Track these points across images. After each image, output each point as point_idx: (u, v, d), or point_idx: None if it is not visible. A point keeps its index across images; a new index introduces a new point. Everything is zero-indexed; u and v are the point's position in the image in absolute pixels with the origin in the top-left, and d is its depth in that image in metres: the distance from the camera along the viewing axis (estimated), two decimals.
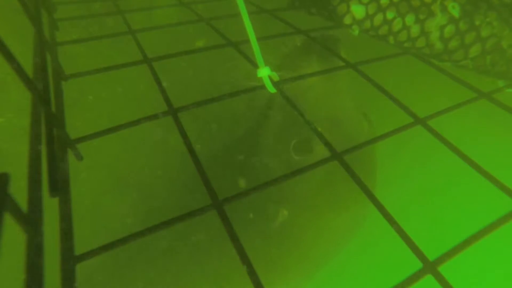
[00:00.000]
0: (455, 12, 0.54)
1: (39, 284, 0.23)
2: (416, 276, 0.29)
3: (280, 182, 0.36)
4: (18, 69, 0.29)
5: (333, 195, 0.66)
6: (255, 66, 0.48)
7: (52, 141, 0.34)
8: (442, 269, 0.29)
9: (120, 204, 0.78)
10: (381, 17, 0.59)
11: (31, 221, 0.25)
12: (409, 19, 0.57)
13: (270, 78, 0.47)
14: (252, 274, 0.28)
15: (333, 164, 0.39)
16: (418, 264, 0.30)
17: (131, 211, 0.75)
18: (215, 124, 0.81)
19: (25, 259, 0.23)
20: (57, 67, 0.46)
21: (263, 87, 0.47)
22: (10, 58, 0.28)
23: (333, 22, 0.64)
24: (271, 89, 0.47)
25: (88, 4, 0.74)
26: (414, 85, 0.83)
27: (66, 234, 0.29)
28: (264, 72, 0.46)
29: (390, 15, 0.58)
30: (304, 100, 0.62)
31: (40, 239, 0.25)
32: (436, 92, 0.77)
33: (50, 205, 0.30)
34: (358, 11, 0.60)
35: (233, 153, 0.73)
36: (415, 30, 0.57)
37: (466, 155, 0.40)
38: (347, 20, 0.61)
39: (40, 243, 0.25)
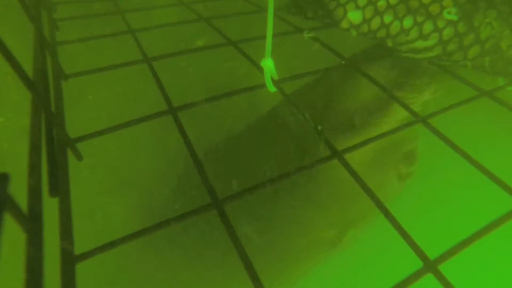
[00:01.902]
0: (452, 16, 0.53)
1: (39, 284, 0.23)
2: (416, 275, 0.29)
3: (281, 180, 0.36)
4: (18, 69, 0.29)
5: (334, 194, 0.66)
6: (255, 65, 0.48)
7: (52, 141, 0.34)
8: (442, 268, 0.29)
9: (120, 203, 0.78)
10: (378, 21, 0.58)
11: (31, 221, 0.25)
12: (407, 22, 0.56)
13: (270, 77, 0.47)
14: (252, 273, 0.28)
15: (333, 162, 0.38)
16: (419, 263, 0.30)
17: (131, 211, 0.75)
18: (215, 124, 0.81)
19: (25, 259, 0.23)
20: (57, 67, 0.46)
21: (263, 86, 0.47)
22: (10, 58, 0.28)
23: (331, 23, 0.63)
24: (271, 88, 0.47)
25: (88, 4, 0.74)
26: (414, 83, 0.83)
27: (66, 234, 0.29)
28: (267, 62, 0.45)
29: (387, 19, 0.57)
30: (304, 99, 0.62)
31: (40, 239, 0.25)
32: (438, 90, 0.77)
33: (50, 205, 0.30)
34: (355, 16, 0.59)
35: (233, 152, 0.72)
36: (413, 33, 0.56)
37: (466, 153, 0.40)
38: (345, 24, 0.61)
39: (40, 243, 0.25)
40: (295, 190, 0.64)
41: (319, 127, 0.43)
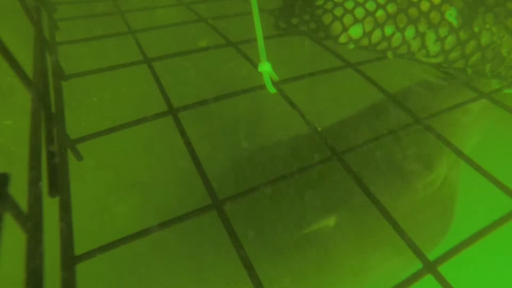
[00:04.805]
0: (453, 19, 0.52)
1: (39, 284, 0.23)
2: (416, 276, 0.29)
3: (281, 181, 0.36)
4: (18, 69, 0.29)
5: (334, 196, 0.66)
6: (255, 66, 0.48)
7: (52, 141, 0.34)
8: (442, 269, 0.29)
9: (122, 204, 0.78)
10: (379, 34, 0.54)
11: (31, 221, 0.25)
12: (409, 33, 0.53)
13: (270, 78, 0.47)
14: (252, 272, 0.28)
15: (333, 163, 0.39)
16: (418, 264, 0.30)
17: (133, 211, 0.75)
18: (216, 124, 0.81)
19: (25, 259, 0.23)
20: (57, 67, 0.46)
21: (263, 87, 0.47)
22: (10, 58, 0.29)
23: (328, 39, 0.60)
24: (271, 89, 0.47)
25: (88, 4, 0.74)
26: (414, 85, 0.83)
27: (66, 234, 0.29)
28: (265, 67, 0.45)
29: (388, 31, 0.54)
30: (304, 100, 0.62)
31: (40, 239, 0.25)
32: (436, 91, 0.77)
33: (50, 205, 0.30)
34: (355, 32, 0.55)
35: (233, 153, 0.73)
36: (415, 44, 0.54)
37: (465, 154, 0.40)
38: (343, 39, 0.57)
39: (40, 243, 0.25)
40: (296, 191, 0.64)
41: (319, 128, 0.43)
